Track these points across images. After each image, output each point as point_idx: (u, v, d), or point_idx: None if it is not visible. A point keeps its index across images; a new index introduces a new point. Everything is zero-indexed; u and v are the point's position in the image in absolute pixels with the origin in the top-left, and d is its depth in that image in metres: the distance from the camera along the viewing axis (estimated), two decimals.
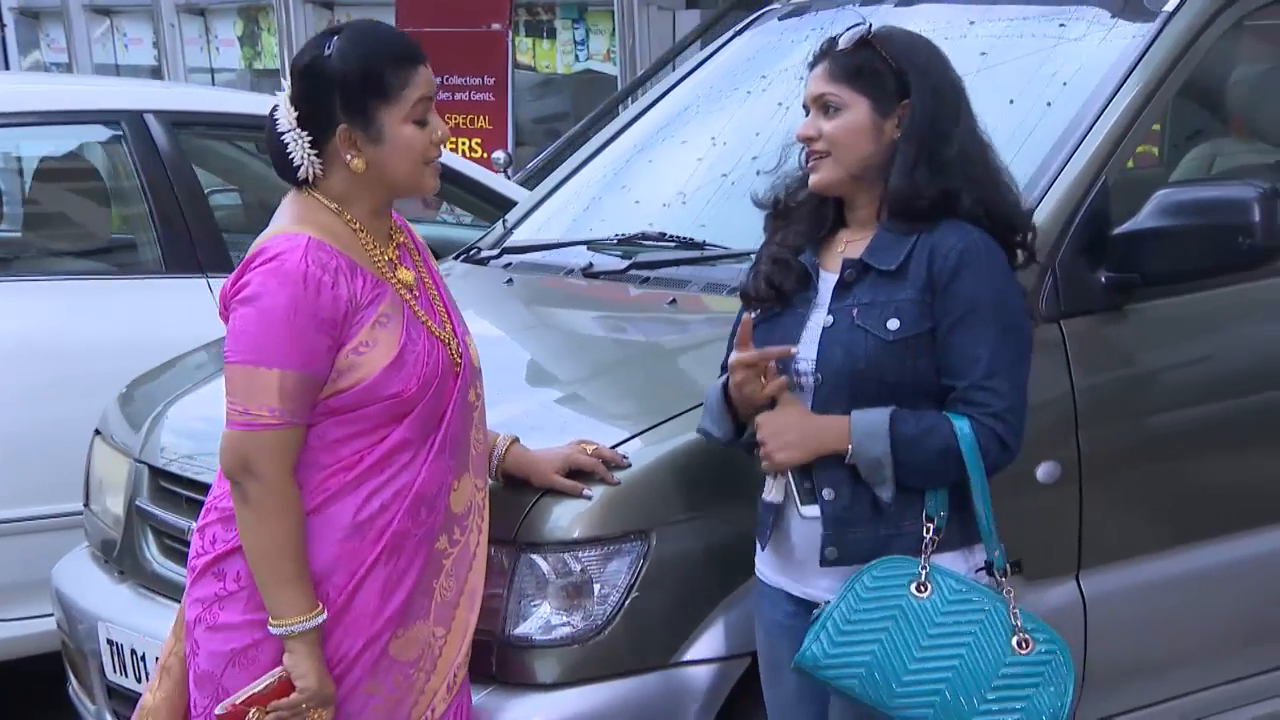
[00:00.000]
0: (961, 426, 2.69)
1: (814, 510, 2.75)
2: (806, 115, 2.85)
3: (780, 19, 4.50)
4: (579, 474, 2.94)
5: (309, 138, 2.77)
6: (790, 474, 2.74)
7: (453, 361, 2.83)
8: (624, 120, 4.56)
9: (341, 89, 2.74)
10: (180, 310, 4.95)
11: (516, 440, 2.98)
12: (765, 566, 2.91)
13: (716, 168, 4.05)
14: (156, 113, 5.14)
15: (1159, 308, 3.38)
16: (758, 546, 2.91)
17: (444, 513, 2.81)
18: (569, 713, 2.91)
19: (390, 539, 2.76)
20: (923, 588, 2.67)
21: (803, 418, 2.74)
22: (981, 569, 2.78)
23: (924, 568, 2.69)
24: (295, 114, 2.77)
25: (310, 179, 2.80)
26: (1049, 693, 2.69)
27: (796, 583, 2.85)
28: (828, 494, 2.75)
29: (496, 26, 9.70)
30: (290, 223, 2.78)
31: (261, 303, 2.70)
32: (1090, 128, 3.43)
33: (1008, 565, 2.77)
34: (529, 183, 6.81)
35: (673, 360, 3.37)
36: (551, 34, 12.21)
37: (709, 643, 2.98)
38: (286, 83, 2.81)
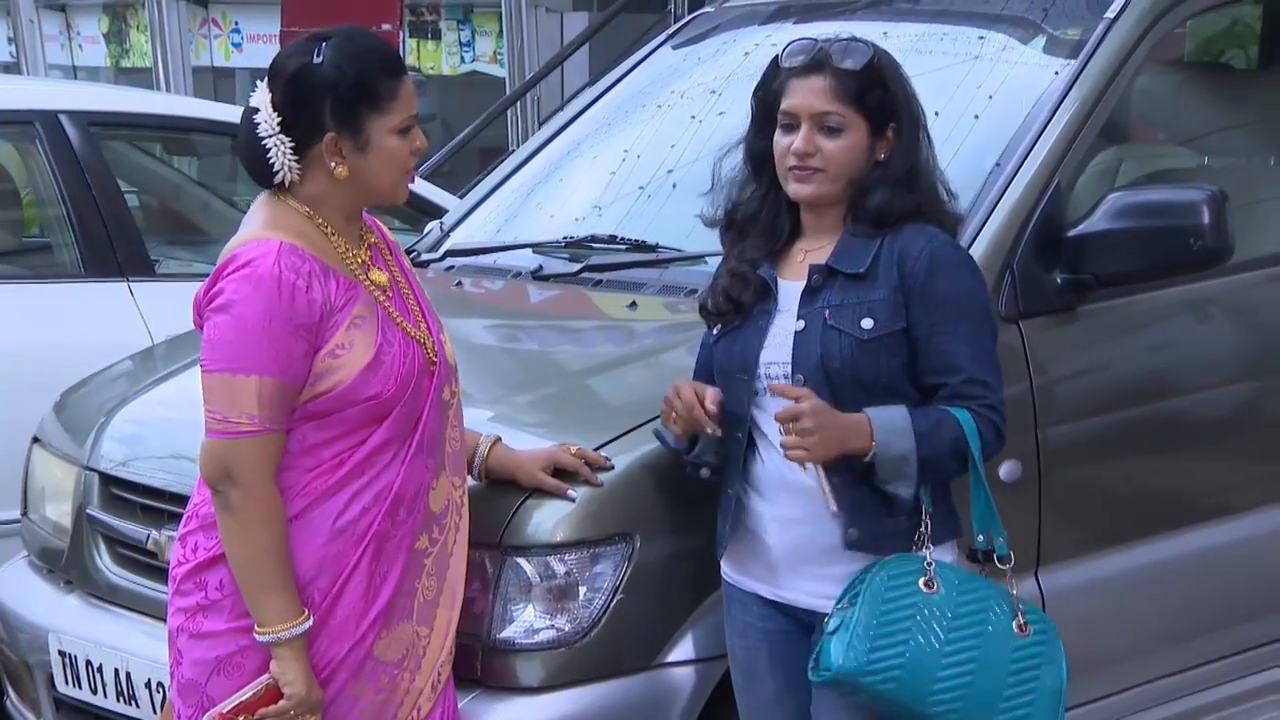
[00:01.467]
0: (965, 419, 2.75)
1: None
2: (789, 127, 2.84)
3: (675, 48, 4.52)
4: (562, 475, 2.94)
5: (291, 143, 2.75)
6: (821, 472, 2.74)
7: (428, 360, 2.82)
8: (545, 134, 4.55)
9: (333, 97, 2.73)
10: (101, 314, 4.88)
11: (499, 440, 2.98)
12: (735, 570, 2.93)
13: (632, 180, 4.08)
14: (71, 113, 5.04)
15: (1113, 308, 3.45)
16: (719, 542, 2.92)
17: (423, 512, 2.81)
18: (554, 715, 2.91)
19: (371, 541, 2.75)
20: (930, 584, 2.72)
21: (834, 414, 2.71)
22: (967, 557, 2.85)
23: (929, 564, 2.74)
24: (278, 119, 2.75)
25: (286, 183, 2.78)
26: (1051, 672, 2.77)
27: (770, 586, 2.88)
28: (836, 481, 2.76)
29: (387, 27, 9.59)
30: (261, 227, 2.76)
31: (236, 310, 2.68)
32: (1041, 131, 3.49)
33: (1010, 553, 2.83)
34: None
35: (647, 363, 3.37)
36: (436, 35, 12.15)
37: (691, 643, 3.01)
38: (264, 85, 2.78)
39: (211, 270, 2.78)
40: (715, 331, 2.93)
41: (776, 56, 2.90)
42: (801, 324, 2.81)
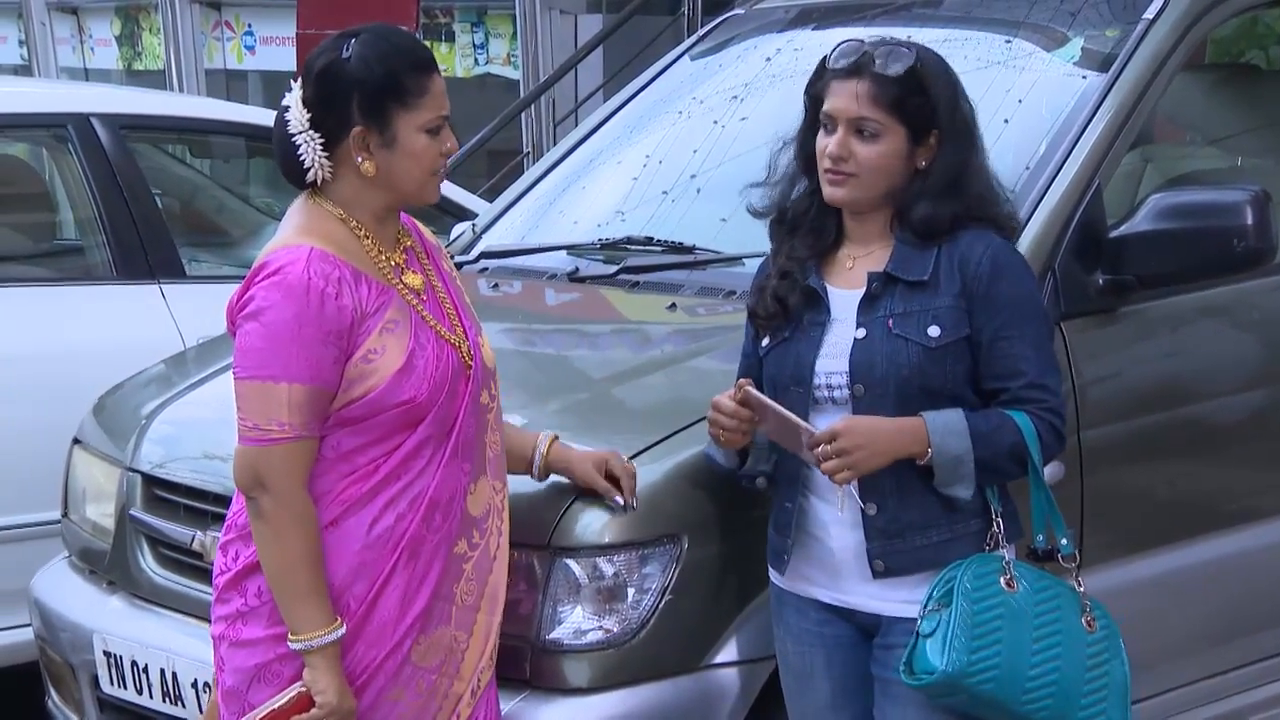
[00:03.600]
0: (1024, 422, 2.74)
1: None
2: (828, 129, 2.82)
3: (693, 59, 4.51)
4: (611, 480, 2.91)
5: (321, 140, 2.73)
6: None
7: (463, 364, 2.79)
8: (570, 142, 4.53)
9: (360, 92, 2.71)
10: (133, 315, 4.87)
11: (557, 438, 2.96)
12: (791, 577, 2.89)
13: (655, 185, 4.06)
14: (103, 116, 5.03)
15: (1155, 309, 3.44)
16: (776, 557, 2.90)
17: (460, 517, 2.78)
18: (603, 716, 2.89)
19: (406, 545, 2.73)
20: (1011, 583, 2.72)
21: (877, 425, 2.71)
22: (1026, 556, 2.85)
23: (1008, 562, 2.74)
24: (308, 116, 2.74)
25: (319, 182, 2.76)
26: (1117, 666, 2.79)
27: (831, 591, 2.86)
28: (870, 509, 2.77)
29: (404, 29, 9.62)
30: (294, 233, 2.74)
31: (266, 317, 2.66)
32: (1080, 133, 3.48)
33: (1076, 551, 2.84)
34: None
35: (692, 364, 3.35)
36: (450, 37, 12.15)
37: (739, 645, 2.99)
38: (296, 84, 2.77)
39: (237, 272, 2.77)
40: (765, 343, 2.90)
41: (826, 55, 2.87)
42: (863, 332, 2.78)
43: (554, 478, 2.96)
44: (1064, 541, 2.83)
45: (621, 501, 2.89)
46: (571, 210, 4.22)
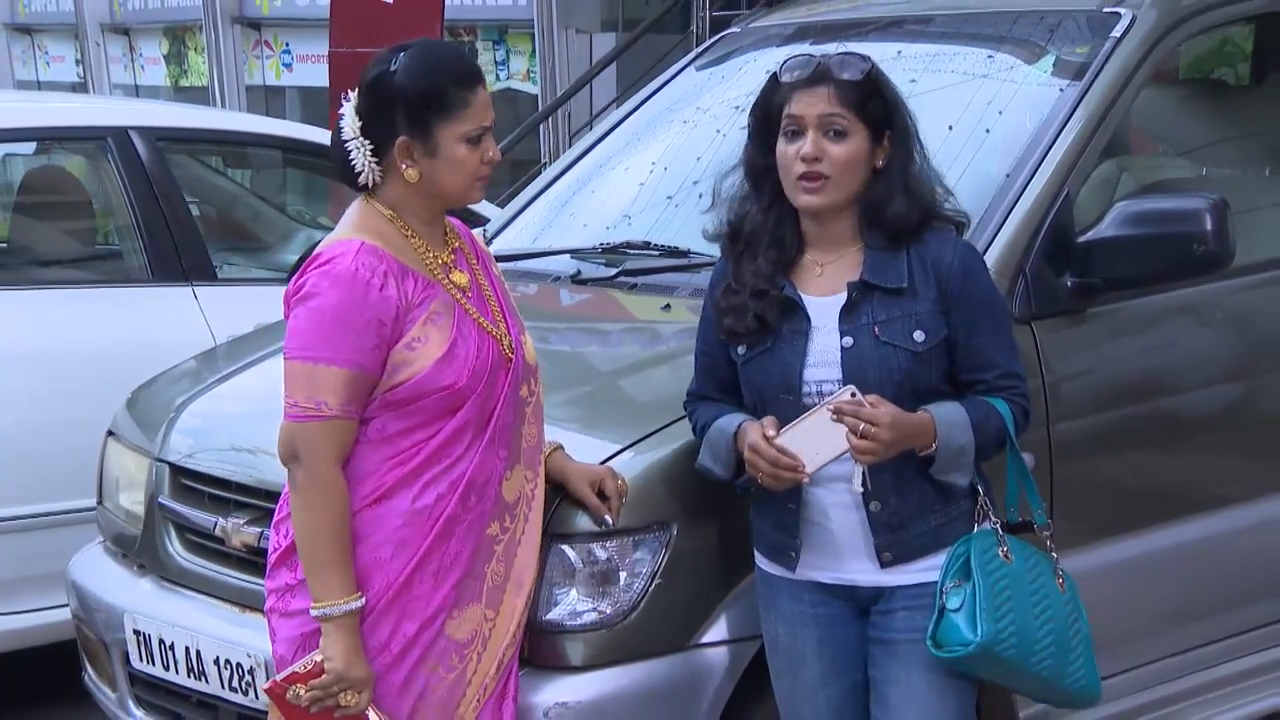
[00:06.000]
0: (1003, 408, 2.78)
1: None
2: (794, 135, 2.78)
3: (698, 69, 4.50)
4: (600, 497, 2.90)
5: (370, 146, 2.76)
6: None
7: (504, 357, 2.81)
8: (579, 149, 4.52)
9: (404, 103, 2.73)
10: (167, 316, 4.88)
11: (560, 448, 2.95)
12: (793, 561, 2.86)
13: (660, 191, 4.06)
14: (140, 129, 5.04)
15: (1120, 310, 3.42)
16: (780, 553, 2.87)
17: (494, 500, 2.79)
18: (597, 693, 2.89)
19: (443, 524, 2.75)
20: (1008, 555, 2.75)
21: (897, 419, 2.67)
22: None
23: (1002, 536, 2.77)
24: (360, 124, 2.76)
25: (370, 185, 2.79)
26: (1083, 617, 2.84)
27: (832, 572, 2.84)
28: (875, 506, 2.77)
29: (454, 43, 9.62)
30: (348, 229, 2.79)
31: (314, 302, 2.71)
32: (1051, 144, 3.46)
33: (1050, 521, 2.88)
34: None
35: (687, 360, 3.29)
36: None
37: (726, 625, 2.98)
38: (353, 94, 2.80)
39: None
40: (743, 351, 2.86)
41: (775, 72, 2.84)
42: (849, 341, 2.77)
43: None
44: (1039, 513, 2.86)
45: (610, 521, 2.87)
46: (581, 214, 4.21)
